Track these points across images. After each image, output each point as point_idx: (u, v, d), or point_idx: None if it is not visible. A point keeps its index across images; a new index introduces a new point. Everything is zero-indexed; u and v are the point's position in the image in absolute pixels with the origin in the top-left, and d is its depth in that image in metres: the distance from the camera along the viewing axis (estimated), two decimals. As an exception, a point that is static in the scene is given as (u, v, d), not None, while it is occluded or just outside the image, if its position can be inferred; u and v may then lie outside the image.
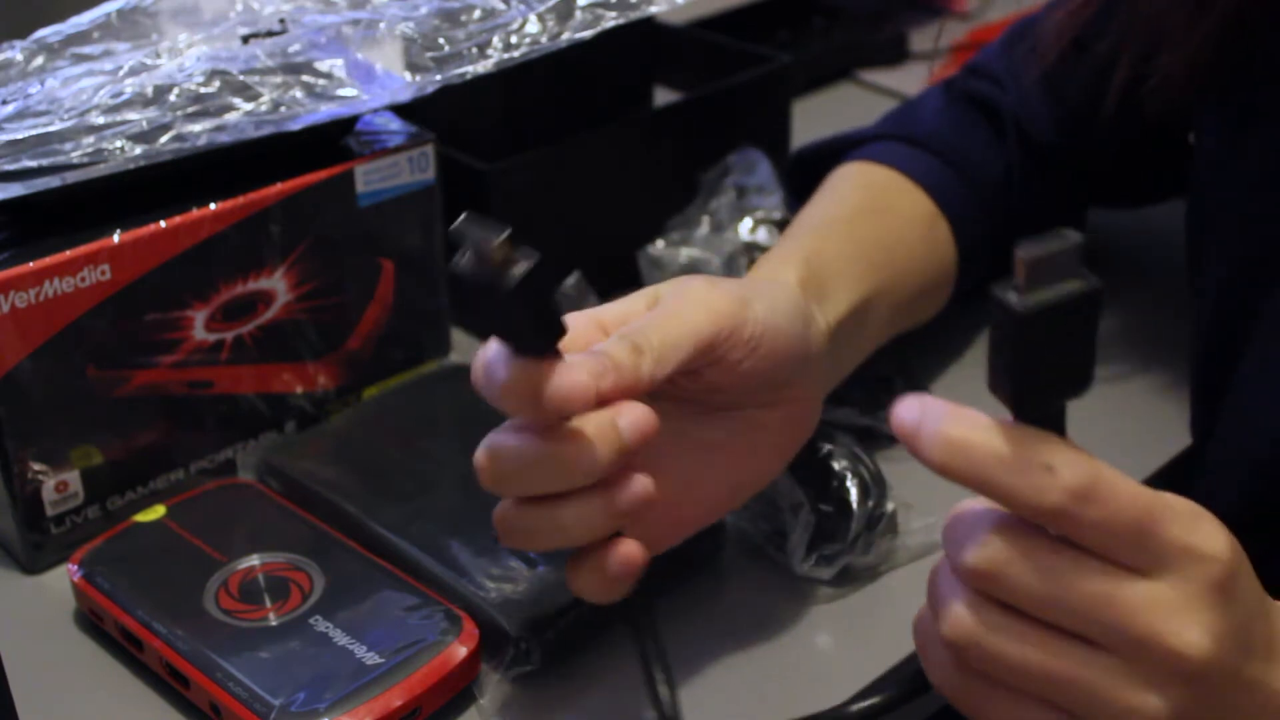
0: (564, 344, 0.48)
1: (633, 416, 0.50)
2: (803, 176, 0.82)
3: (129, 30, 0.71)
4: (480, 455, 0.50)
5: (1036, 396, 0.42)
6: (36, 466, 0.64)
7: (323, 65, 0.68)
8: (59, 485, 0.66)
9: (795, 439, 0.59)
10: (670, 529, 0.57)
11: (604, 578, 0.51)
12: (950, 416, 0.42)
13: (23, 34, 0.70)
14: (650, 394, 0.52)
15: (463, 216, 0.46)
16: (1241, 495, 0.64)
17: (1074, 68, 0.74)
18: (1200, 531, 0.43)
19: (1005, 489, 0.42)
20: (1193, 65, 0.66)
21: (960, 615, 0.44)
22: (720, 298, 0.54)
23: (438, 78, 0.68)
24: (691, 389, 0.55)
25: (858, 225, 0.70)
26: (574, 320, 0.52)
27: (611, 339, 0.52)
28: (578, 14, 0.69)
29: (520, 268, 0.45)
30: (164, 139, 0.64)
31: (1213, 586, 0.43)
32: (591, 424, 0.49)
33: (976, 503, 0.44)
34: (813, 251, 0.65)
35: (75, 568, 0.62)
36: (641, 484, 0.51)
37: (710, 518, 0.59)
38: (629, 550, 0.51)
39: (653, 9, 0.70)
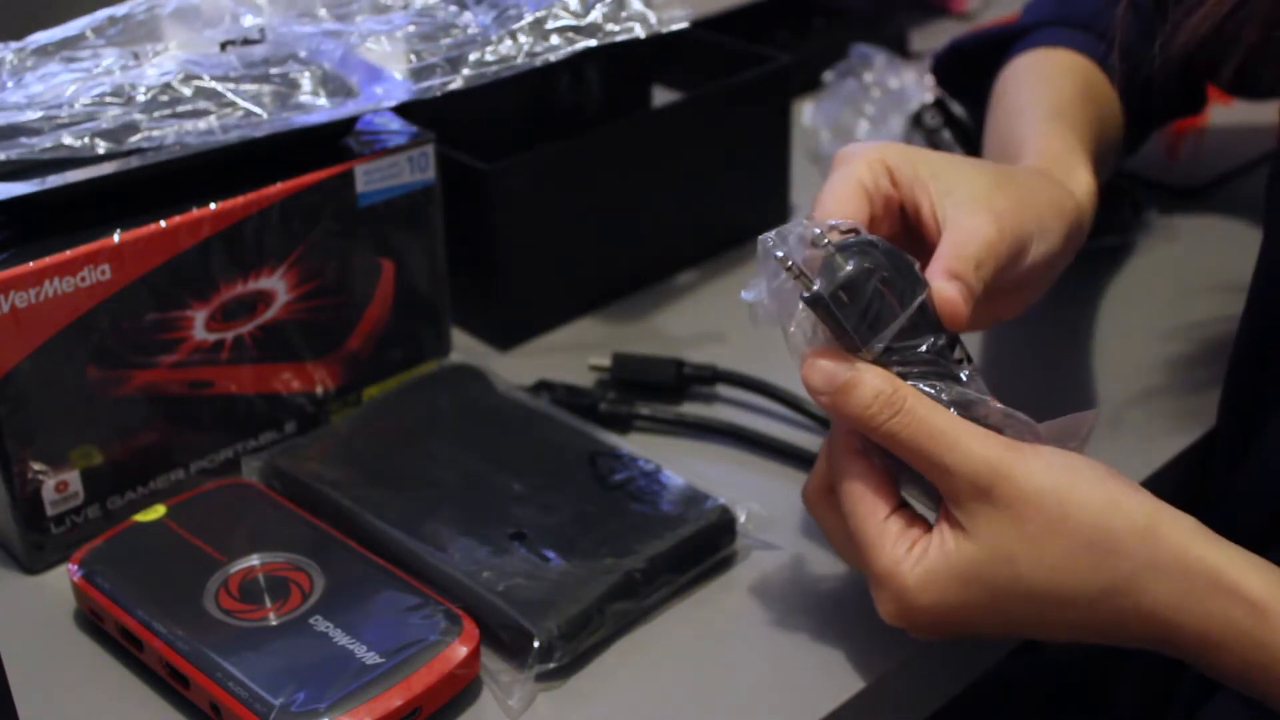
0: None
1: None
2: (959, 68, 0.87)
3: (121, 36, 0.71)
4: None
5: None
6: (36, 466, 0.64)
7: (301, 72, 0.69)
8: (59, 485, 0.66)
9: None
10: None
11: None
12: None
13: (19, 38, 0.70)
14: None
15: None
16: (1266, 525, 0.64)
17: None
18: (893, 584, 0.56)
19: None
20: None
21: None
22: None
23: (438, 81, 0.68)
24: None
25: (1080, 109, 0.75)
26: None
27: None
28: (553, 37, 0.70)
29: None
30: (135, 138, 0.64)
31: (893, 599, 0.56)
32: None
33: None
34: (1078, 139, 0.72)
35: (75, 568, 0.62)
36: None
37: None
38: None
39: (621, 38, 0.71)
